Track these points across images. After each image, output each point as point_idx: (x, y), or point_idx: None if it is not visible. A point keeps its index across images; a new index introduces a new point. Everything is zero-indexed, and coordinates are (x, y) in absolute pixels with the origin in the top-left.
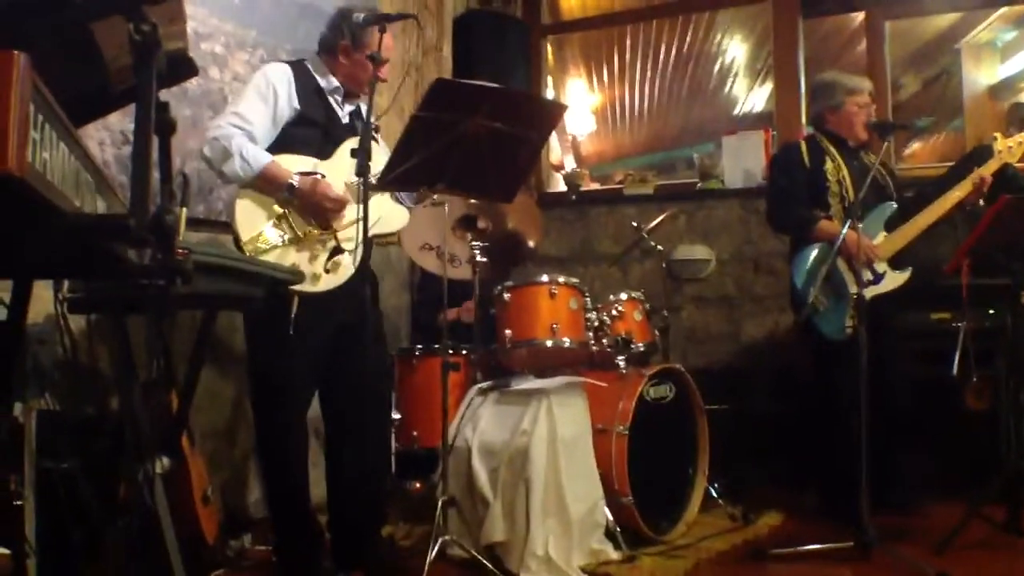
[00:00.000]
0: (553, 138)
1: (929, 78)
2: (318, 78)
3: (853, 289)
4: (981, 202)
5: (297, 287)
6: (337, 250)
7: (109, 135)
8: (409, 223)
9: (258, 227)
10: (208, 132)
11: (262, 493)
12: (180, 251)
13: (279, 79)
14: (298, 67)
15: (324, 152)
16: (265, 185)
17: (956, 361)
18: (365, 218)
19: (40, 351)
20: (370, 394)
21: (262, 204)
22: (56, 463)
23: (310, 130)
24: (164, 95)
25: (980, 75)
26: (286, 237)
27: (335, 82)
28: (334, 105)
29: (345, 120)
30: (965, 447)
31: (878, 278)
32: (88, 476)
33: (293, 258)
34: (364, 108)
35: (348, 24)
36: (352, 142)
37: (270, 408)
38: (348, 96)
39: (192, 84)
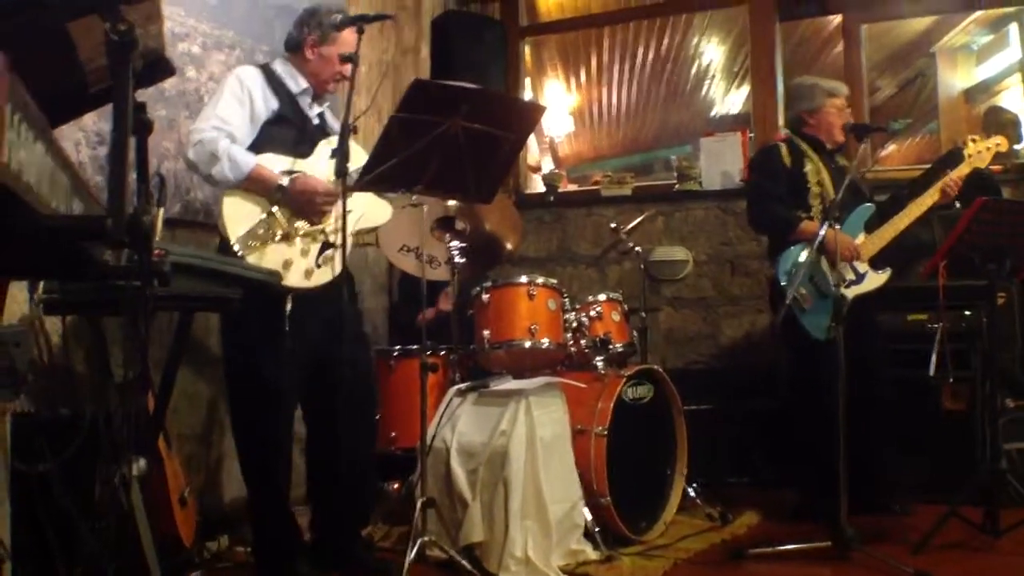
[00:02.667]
0: (531, 139)
1: (905, 81)
2: (286, 80)
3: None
4: (957, 204)
5: (293, 283)
6: (327, 245)
7: (84, 136)
8: (387, 225)
9: (248, 225)
10: (192, 136)
11: (240, 494)
12: (157, 252)
13: (252, 81)
14: (266, 70)
15: (301, 151)
16: (253, 186)
17: (933, 362)
18: (344, 219)
19: (15, 352)
20: (353, 392)
21: (250, 202)
22: (31, 465)
23: (287, 129)
24: (140, 95)
25: (955, 78)
26: (277, 233)
27: (303, 83)
28: (303, 107)
29: (316, 122)
30: (943, 448)
31: (860, 277)
32: (64, 478)
33: (286, 253)
34: (328, 112)
35: (316, 20)
36: (328, 141)
37: (250, 408)
38: (315, 98)
39: (168, 84)
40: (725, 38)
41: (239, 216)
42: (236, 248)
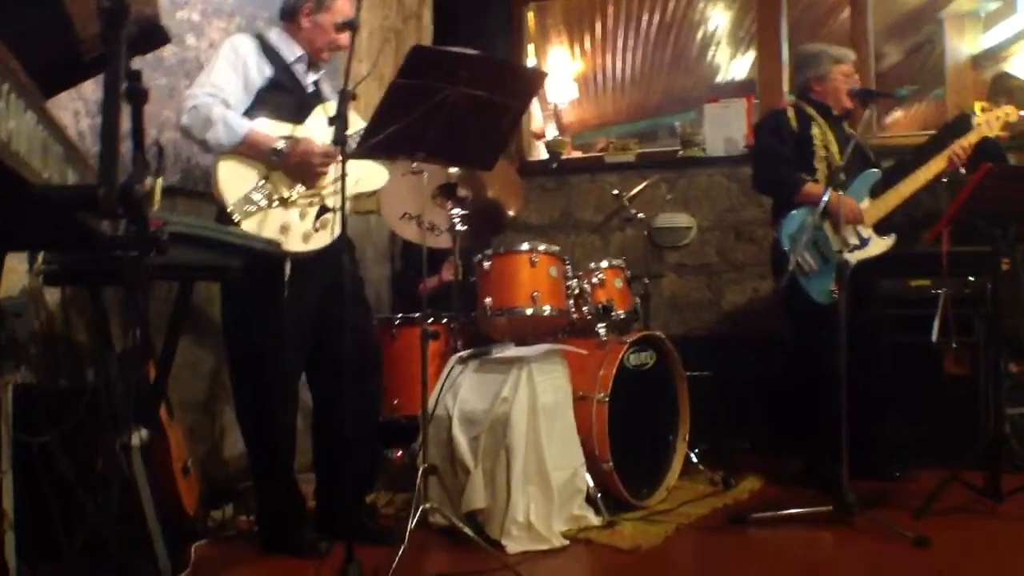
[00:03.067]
0: (535, 106)
1: (911, 47)
2: (281, 49)
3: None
4: (963, 170)
5: (292, 248)
6: (324, 208)
7: (84, 105)
8: (389, 193)
9: (244, 189)
10: (186, 102)
11: (244, 463)
12: (155, 221)
13: (247, 49)
14: (260, 39)
15: (297, 118)
16: (248, 151)
17: (936, 328)
18: (343, 189)
19: (15, 324)
20: (358, 359)
21: (246, 166)
22: (33, 437)
23: (283, 96)
24: (139, 63)
25: (963, 45)
26: (274, 198)
27: (298, 51)
28: (297, 75)
29: (311, 89)
30: (945, 413)
31: (864, 242)
32: (66, 449)
33: (283, 218)
34: (325, 80)
35: None
36: (323, 107)
37: (252, 376)
38: (310, 66)
39: (168, 52)
40: (731, 3)
41: (235, 181)
42: (232, 212)
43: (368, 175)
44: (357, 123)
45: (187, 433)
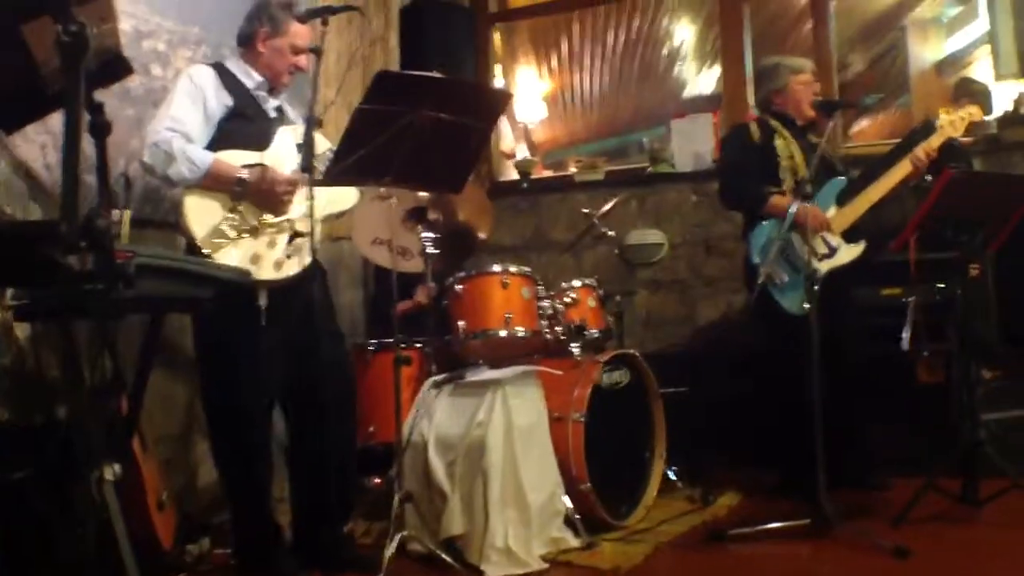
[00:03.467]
0: (505, 126)
1: (875, 56)
2: (240, 76)
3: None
4: (928, 177)
5: (264, 276)
6: (296, 234)
7: (51, 138)
8: (359, 218)
9: (211, 222)
10: (147, 138)
11: (220, 496)
12: (123, 254)
13: (204, 79)
14: (219, 67)
15: (260, 145)
16: (213, 184)
17: (907, 336)
18: (311, 215)
19: None
20: (333, 388)
21: (212, 199)
22: (6, 473)
23: (244, 125)
24: (105, 95)
25: (926, 51)
26: (243, 228)
27: (258, 77)
28: (260, 102)
29: (273, 115)
30: (920, 421)
31: (833, 251)
32: (39, 485)
33: (253, 247)
34: (287, 105)
35: (266, 12)
36: (286, 130)
37: (226, 410)
38: (271, 91)
39: (135, 83)
40: (695, 17)
41: (202, 214)
42: (201, 247)
43: (337, 195)
44: (325, 144)
45: (162, 467)
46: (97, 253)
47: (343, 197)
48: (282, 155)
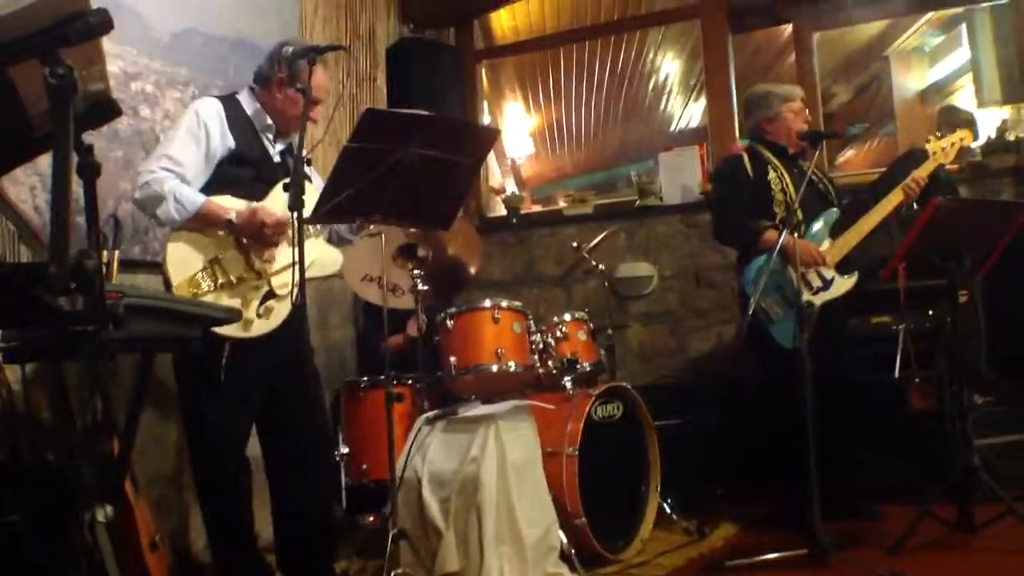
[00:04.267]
0: (493, 162)
1: (860, 86)
2: (249, 113)
3: (806, 296)
4: (915, 205)
5: (228, 332)
6: (270, 295)
7: (41, 180)
8: (349, 255)
9: (189, 272)
10: (139, 177)
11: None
12: (113, 295)
13: (211, 116)
14: (229, 101)
15: (257, 192)
16: (202, 225)
17: (898, 364)
18: (301, 253)
19: None
20: (310, 429)
21: (195, 248)
22: None
23: (243, 169)
24: (94, 136)
25: (910, 80)
26: (218, 282)
27: (267, 119)
28: (266, 143)
29: (277, 159)
30: (914, 448)
31: (827, 284)
32: (32, 528)
33: (227, 303)
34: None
35: (286, 58)
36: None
37: (204, 451)
38: (279, 135)
39: (123, 124)
40: (680, 52)
41: (181, 263)
42: (177, 293)
43: (323, 258)
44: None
45: (154, 508)
46: (87, 294)
47: (327, 260)
48: (278, 205)
